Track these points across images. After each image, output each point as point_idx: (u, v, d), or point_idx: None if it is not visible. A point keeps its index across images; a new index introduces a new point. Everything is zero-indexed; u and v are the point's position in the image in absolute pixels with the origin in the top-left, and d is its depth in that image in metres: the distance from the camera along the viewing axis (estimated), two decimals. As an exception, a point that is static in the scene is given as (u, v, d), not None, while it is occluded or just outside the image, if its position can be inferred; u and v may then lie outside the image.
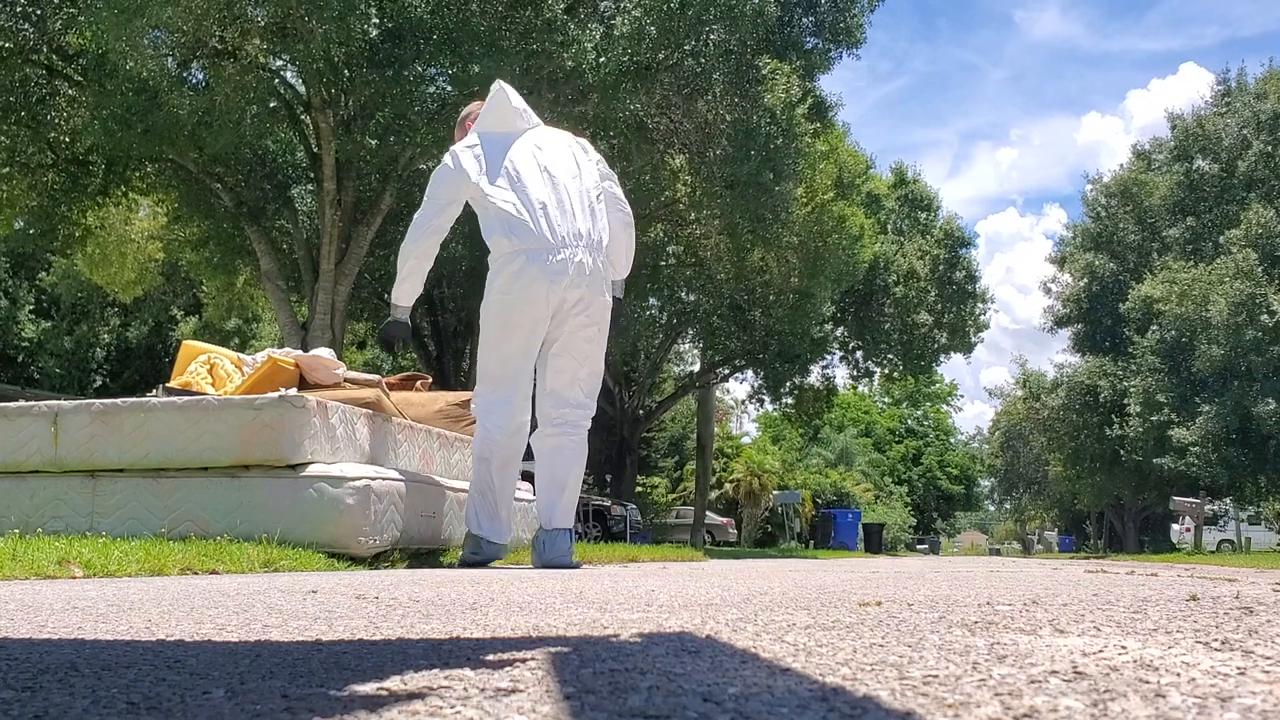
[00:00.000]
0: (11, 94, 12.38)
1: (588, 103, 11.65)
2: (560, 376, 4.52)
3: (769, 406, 25.20)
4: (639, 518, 23.12)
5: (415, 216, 4.69)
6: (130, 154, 12.86)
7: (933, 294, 22.92)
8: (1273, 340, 22.46)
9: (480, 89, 5.63)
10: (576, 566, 4.50)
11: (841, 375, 25.67)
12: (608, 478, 25.79)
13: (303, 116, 12.98)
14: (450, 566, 4.64)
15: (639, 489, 27.57)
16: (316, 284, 12.95)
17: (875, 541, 29.97)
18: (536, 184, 4.47)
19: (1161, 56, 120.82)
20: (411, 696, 0.82)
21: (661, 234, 16.58)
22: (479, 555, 4.53)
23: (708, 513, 25.99)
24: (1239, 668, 0.95)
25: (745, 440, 41.19)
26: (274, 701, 0.81)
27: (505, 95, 4.77)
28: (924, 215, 24.50)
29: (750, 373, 23.10)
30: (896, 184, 24.77)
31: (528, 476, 4.98)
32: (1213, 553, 21.88)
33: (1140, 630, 1.32)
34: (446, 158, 4.65)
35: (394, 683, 0.90)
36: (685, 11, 11.09)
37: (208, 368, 4.96)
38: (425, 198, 4.66)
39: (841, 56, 14.58)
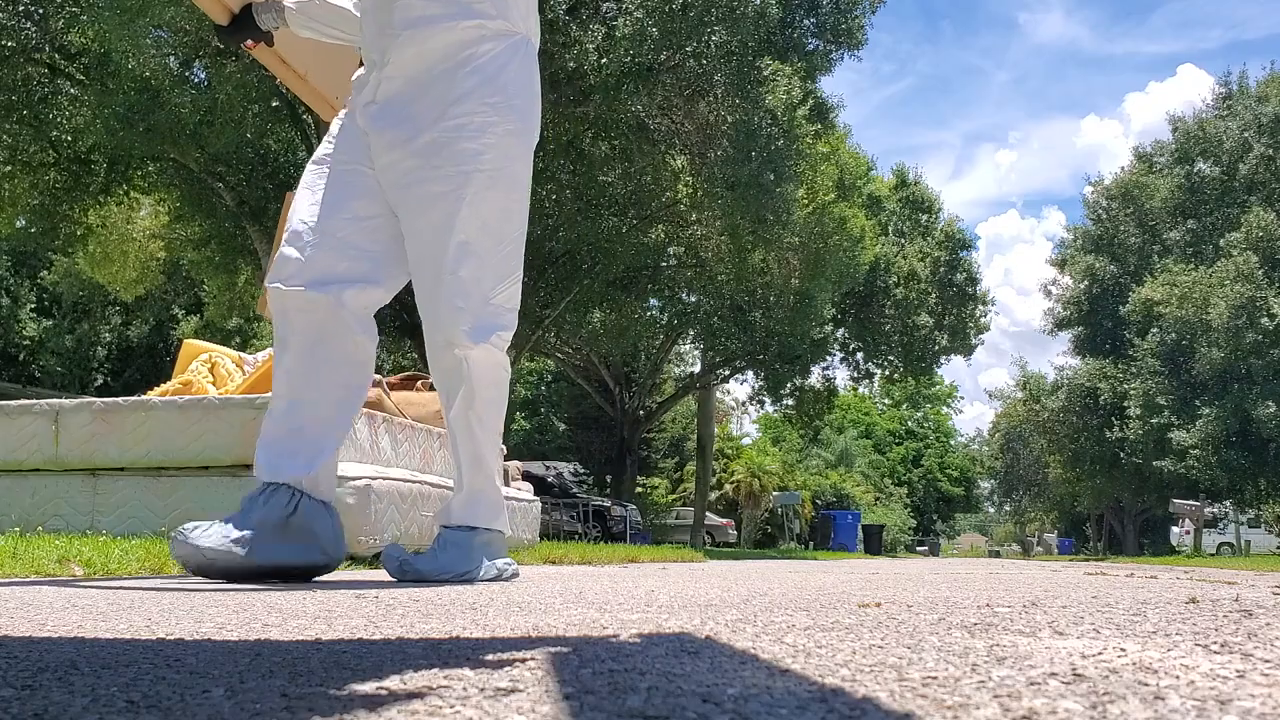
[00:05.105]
0: (14, 92, 12.40)
1: (589, 103, 11.65)
2: None
3: (769, 408, 25.25)
4: (639, 518, 23.12)
5: None
6: (132, 153, 12.87)
7: (933, 296, 22.96)
8: (1273, 343, 22.46)
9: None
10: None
11: (842, 377, 25.76)
12: (608, 478, 25.79)
13: (304, 116, 12.98)
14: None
15: (639, 489, 27.57)
16: (317, 283, 12.94)
17: (875, 543, 30.00)
18: None
19: (1164, 59, 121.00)
20: (411, 696, 0.82)
21: (663, 235, 16.58)
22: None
23: (708, 514, 26.00)
24: (1238, 670, 0.95)
25: (745, 441, 41.21)
26: (273, 700, 0.81)
27: None
28: (925, 217, 24.55)
29: (751, 374, 23.11)
30: (898, 186, 24.83)
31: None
32: (1212, 555, 21.89)
33: (1139, 633, 1.33)
34: None
35: (393, 682, 0.90)
36: (687, 13, 11.11)
37: (209, 366, 4.95)
38: None
39: (843, 58, 14.68)
